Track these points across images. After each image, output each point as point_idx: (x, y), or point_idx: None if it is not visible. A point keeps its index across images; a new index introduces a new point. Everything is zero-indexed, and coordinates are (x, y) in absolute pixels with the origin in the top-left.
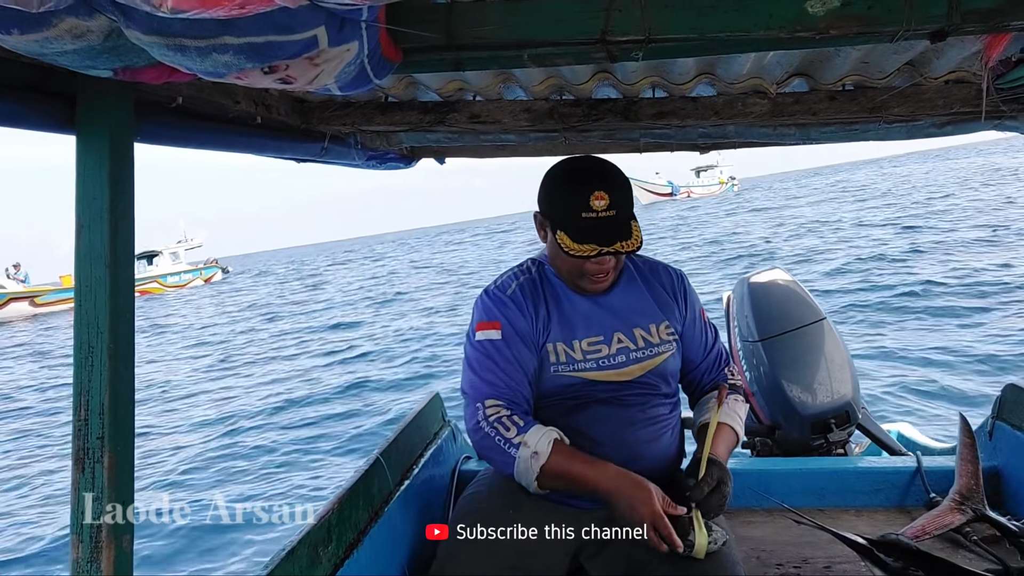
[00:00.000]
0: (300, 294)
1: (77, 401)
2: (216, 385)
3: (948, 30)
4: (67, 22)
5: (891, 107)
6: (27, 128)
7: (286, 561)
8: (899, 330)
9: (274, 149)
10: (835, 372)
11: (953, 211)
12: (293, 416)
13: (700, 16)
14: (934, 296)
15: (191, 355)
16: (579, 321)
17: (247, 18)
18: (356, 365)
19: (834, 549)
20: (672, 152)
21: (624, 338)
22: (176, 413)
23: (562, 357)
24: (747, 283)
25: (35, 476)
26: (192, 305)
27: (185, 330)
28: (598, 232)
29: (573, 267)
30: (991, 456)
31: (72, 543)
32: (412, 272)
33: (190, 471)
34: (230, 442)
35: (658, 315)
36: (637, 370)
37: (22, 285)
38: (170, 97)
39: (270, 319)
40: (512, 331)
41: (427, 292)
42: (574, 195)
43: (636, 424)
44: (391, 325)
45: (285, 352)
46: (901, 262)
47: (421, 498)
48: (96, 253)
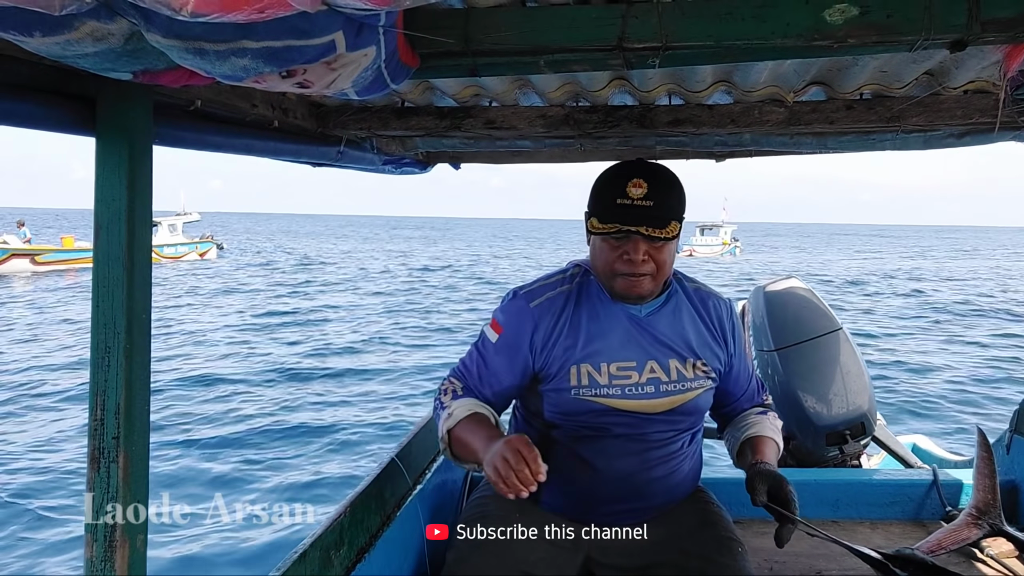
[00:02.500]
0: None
1: (93, 401)
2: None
3: (967, 39)
4: (88, 25)
5: (909, 116)
6: (47, 129)
7: (298, 564)
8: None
9: (291, 153)
10: (851, 383)
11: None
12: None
13: (717, 24)
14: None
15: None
16: (614, 341)
17: (266, 22)
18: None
19: (848, 562)
20: (688, 160)
21: (658, 368)
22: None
23: (584, 380)
24: (763, 292)
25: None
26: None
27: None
28: (627, 215)
29: (606, 264)
30: (1008, 470)
31: (86, 542)
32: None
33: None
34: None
35: (697, 350)
36: (666, 404)
37: (25, 242)
38: (188, 100)
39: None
40: (508, 343)
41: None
42: (612, 182)
43: (651, 465)
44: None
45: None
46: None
47: (434, 502)
48: (114, 254)
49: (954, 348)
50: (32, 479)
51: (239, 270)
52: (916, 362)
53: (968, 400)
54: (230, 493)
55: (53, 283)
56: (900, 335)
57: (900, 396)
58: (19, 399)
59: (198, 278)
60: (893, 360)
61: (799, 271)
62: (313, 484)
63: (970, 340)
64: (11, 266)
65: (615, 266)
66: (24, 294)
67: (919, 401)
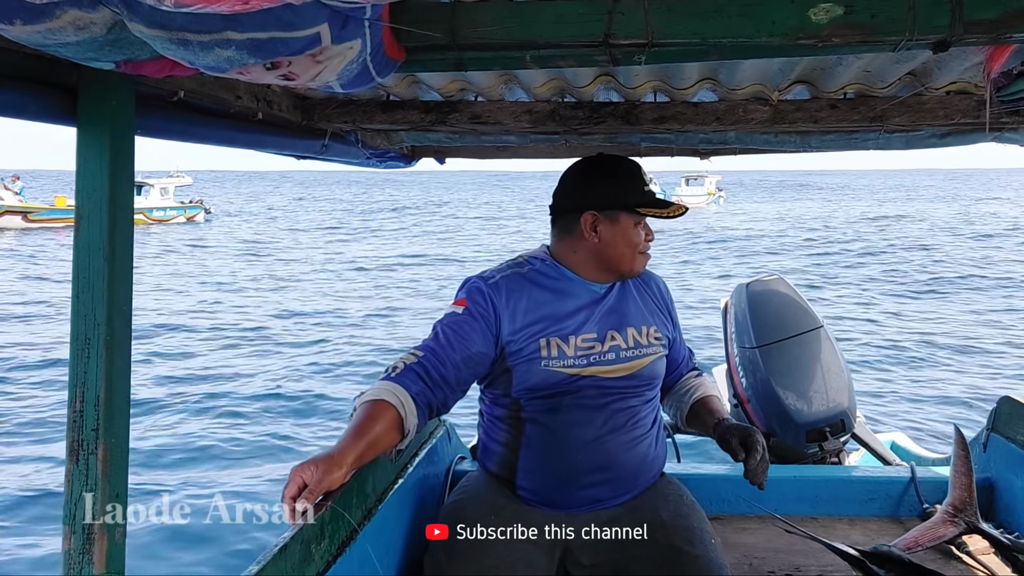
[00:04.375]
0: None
1: (72, 393)
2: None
3: (950, 40)
4: (70, 14)
5: (892, 116)
6: (28, 119)
7: (278, 558)
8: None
9: (275, 145)
10: (831, 380)
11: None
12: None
13: (703, 21)
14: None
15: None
16: (580, 317)
17: (251, 14)
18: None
19: (827, 558)
20: (672, 157)
21: (617, 336)
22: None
23: (554, 352)
24: (746, 289)
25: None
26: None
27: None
28: (658, 200)
29: (635, 247)
30: (985, 468)
31: (64, 535)
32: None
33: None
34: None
35: (648, 319)
36: (625, 368)
37: (18, 199)
38: (171, 91)
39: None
40: (475, 313)
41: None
42: (629, 174)
43: (617, 430)
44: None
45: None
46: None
47: (415, 497)
48: (95, 245)
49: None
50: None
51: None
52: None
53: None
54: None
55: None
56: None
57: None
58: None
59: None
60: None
61: (769, 218)
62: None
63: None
64: (4, 221)
65: (640, 247)
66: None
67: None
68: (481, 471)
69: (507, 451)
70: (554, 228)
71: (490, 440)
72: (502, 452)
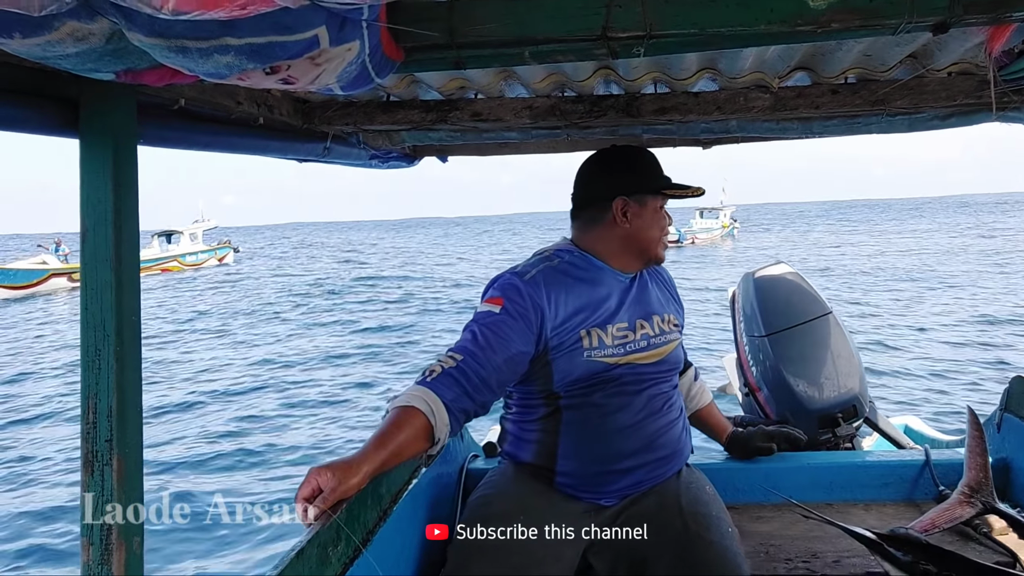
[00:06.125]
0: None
1: (85, 404)
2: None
3: (950, 22)
4: (69, 25)
5: (894, 100)
6: (30, 132)
7: (296, 561)
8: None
9: (277, 150)
10: (842, 366)
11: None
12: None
13: (701, 11)
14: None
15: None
16: (612, 305)
17: (248, 19)
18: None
19: (843, 543)
20: (675, 148)
21: (645, 324)
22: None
23: (595, 342)
24: (752, 278)
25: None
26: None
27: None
28: (678, 184)
29: (661, 231)
30: (999, 448)
31: (83, 545)
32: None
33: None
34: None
35: (666, 306)
36: (654, 355)
37: (63, 262)
38: (172, 99)
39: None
40: (514, 312)
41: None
42: (652, 162)
43: (654, 414)
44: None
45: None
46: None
47: (429, 497)
48: (101, 256)
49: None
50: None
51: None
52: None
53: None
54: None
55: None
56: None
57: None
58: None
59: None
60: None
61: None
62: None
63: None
64: (51, 285)
65: (664, 233)
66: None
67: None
68: (506, 465)
69: (545, 438)
70: (577, 221)
71: (523, 431)
72: (539, 439)
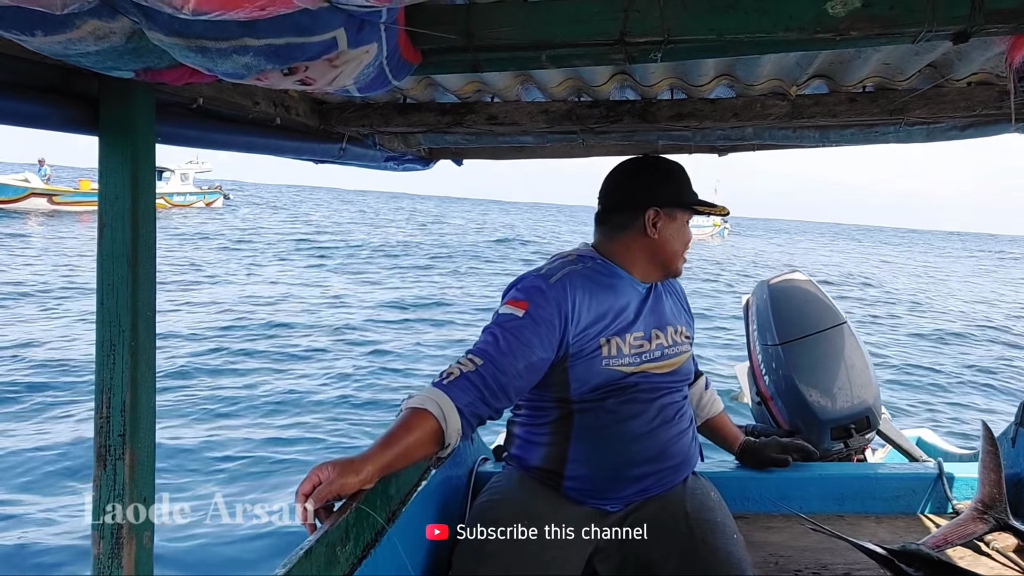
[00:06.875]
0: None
1: (99, 399)
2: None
3: (971, 31)
4: (90, 24)
5: (912, 109)
6: (51, 128)
7: (304, 560)
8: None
9: (293, 150)
10: (855, 377)
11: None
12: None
13: (719, 17)
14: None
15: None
16: (631, 314)
17: (267, 20)
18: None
19: (853, 556)
20: (691, 155)
21: (660, 334)
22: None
23: (613, 351)
24: (767, 286)
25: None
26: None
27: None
28: (708, 202)
29: (685, 244)
30: (1014, 463)
31: (93, 539)
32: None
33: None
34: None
35: (679, 318)
36: (668, 365)
37: (45, 183)
38: (191, 98)
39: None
40: (537, 317)
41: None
42: (687, 178)
43: (667, 423)
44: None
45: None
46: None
47: (439, 499)
48: (118, 252)
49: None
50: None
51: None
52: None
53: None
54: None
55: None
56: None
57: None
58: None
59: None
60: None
61: (770, 256)
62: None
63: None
64: (30, 203)
65: (686, 248)
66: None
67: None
68: (513, 470)
69: (556, 443)
70: (603, 226)
71: (533, 435)
72: (550, 444)
